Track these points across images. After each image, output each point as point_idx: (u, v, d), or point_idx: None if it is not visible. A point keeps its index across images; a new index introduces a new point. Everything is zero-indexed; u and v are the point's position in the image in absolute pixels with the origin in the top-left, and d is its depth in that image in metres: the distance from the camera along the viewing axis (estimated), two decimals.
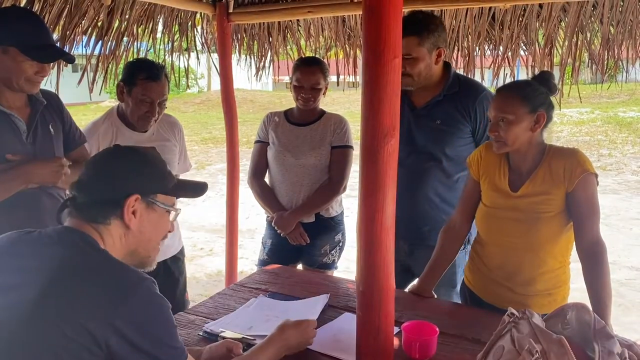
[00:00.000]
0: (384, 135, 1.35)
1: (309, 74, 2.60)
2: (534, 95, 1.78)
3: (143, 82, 2.27)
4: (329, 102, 16.53)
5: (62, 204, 1.26)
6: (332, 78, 3.94)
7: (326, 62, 2.75)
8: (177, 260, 2.63)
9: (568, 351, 1.19)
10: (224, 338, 1.62)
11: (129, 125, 2.39)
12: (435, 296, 2.07)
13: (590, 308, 1.43)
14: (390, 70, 1.32)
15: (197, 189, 1.43)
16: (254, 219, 6.31)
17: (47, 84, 2.48)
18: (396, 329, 1.61)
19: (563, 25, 3.05)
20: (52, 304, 1.06)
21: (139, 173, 1.27)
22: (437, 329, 1.58)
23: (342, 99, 17.32)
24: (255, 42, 3.83)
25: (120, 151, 1.33)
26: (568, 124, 15.04)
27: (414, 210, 2.32)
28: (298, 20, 3.65)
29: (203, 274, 4.93)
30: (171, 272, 2.57)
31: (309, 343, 1.59)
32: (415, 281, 2.17)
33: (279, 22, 3.66)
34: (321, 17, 3.52)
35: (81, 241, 1.17)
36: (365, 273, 1.41)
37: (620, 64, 3.11)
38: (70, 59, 1.98)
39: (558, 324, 1.41)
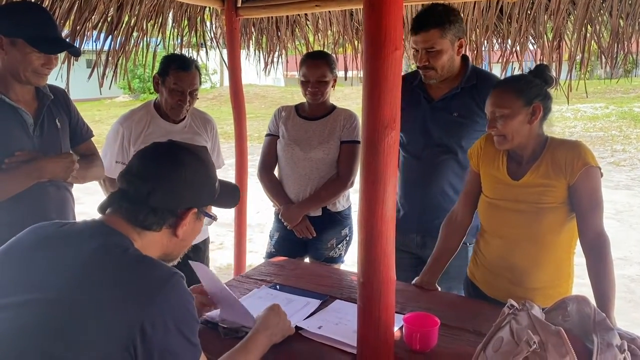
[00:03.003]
0: (384, 127, 1.35)
1: (314, 67, 2.61)
2: (528, 88, 1.79)
3: (174, 72, 2.44)
4: (340, 98, 16.52)
5: (112, 196, 1.22)
6: (340, 73, 3.95)
7: (334, 56, 2.75)
8: (198, 249, 2.71)
9: (565, 342, 1.19)
10: (224, 327, 1.64)
11: (163, 116, 2.55)
12: (439, 289, 2.08)
13: (592, 300, 1.42)
14: (391, 62, 1.33)
15: (232, 199, 1.44)
16: (265, 213, 6.34)
17: (58, 79, 2.53)
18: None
19: (572, 18, 3.02)
20: (80, 310, 1.04)
21: (201, 187, 1.26)
22: (438, 321, 1.59)
23: (353, 94, 17.29)
24: (264, 36, 3.84)
25: (186, 160, 1.25)
26: (582, 119, 14.88)
27: (427, 202, 2.33)
28: (306, 14, 3.66)
29: (213, 267, 4.97)
30: (190, 260, 2.62)
31: (290, 330, 1.61)
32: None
33: (287, 16, 3.67)
34: (329, 11, 3.52)
35: (115, 242, 1.15)
36: (366, 264, 1.42)
37: (631, 57, 3.07)
38: (75, 52, 2.02)
39: (559, 316, 1.41)
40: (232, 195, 1.44)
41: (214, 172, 1.33)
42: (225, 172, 2.97)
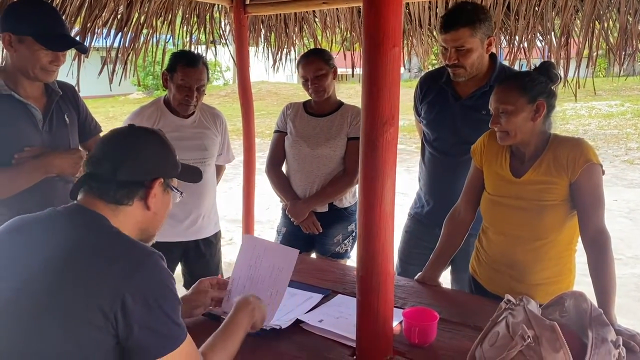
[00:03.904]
0: (383, 124, 1.37)
1: (309, 64, 2.64)
2: (532, 85, 1.79)
3: (182, 68, 2.48)
4: (352, 95, 16.50)
5: (81, 180, 1.28)
6: (349, 70, 3.96)
7: (328, 51, 2.79)
8: (210, 243, 2.79)
9: (559, 337, 1.20)
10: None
11: (172, 112, 2.60)
12: (442, 284, 2.09)
13: (588, 297, 1.43)
14: (390, 59, 1.34)
15: (195, 174, 1.53)
16: (275, 209, 6.38)
17: (69, 76, 2.58)
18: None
19: (580, 14, 3.00)
20: (62, 285, 1.09)
21: (162, 158, 1.33)
22: (437, 315, 1.60)
23: None
24: (272, 33, 3.87)
25: (141, 134, 1.34)
26: (596, 117, 14.73)
27: (453, 198, 2.32)
28: (314, 11, 3.68)
29: (223, 263, 5.00)
30: (202, 253, 2.76)
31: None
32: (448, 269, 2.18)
33: (295, 14, 3.69)
34: (337, 8, 3.54)
35: (92, 220, 1.21)
36: (364, 258, 1.44)
37: (639, 54, 3.03)
38: (82, 49, 2.06)
39: (556, 312, 1.43)
40: (195, 172, 1.54)
41: (173, 147, 1.39)
42: (236, 169, 3.01)
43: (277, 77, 7.78)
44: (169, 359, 1.13)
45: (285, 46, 3.92)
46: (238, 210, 3.90)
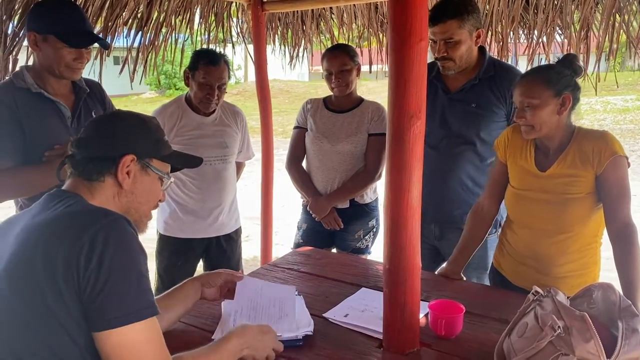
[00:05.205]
0: (410, 118, 1.38)
1: (334, 58, 2.66)
2: (558, 79, 1.78)
3: (204, 66, 2.51)
4: (365, 92, 16.48)
5: (62, 161, 1.30)
6: (365, 67, 3.98)
7: (353, 47, 2.79)
8: (231, 239, 2.85)
9: (590, 327, 1.20)
10: None
11: (194, 109, 2.63)
12: (465, 278, 2.10)
13: (618, 289, 1.43)
14: (416, 53, 1.35)
15: (191, 161, 1.49)
16: (290, 207, 6.39)
17: (90, 75, 2.62)
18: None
19: (600, 7, 2.98)
20: (33, 262, 1.07)
21: (137, 135, 1.30)
22: (464, 308, 1.61)
23: (378, 88, 17.21)
24: (289, 30, 3.88)
25: (122, 114, 1.35)
26: (612, 112, 14.58)
27: (446, 193, 2.33)
28: (331, 8, 3.69)
29: (242, 259, 5.04)
30: (224, 249, 2.81)
31: (272, 350, 1.43)
32: (445, 264, 2.19)
33: (312, 10, 3.70)
34: (354, 5, 3.55)
35: (67, 198, 1.20)
36: (391, 251, 1.46)
37: None
38: (104, 45, 2.09)
39: (584, 304, 1.42)
40: (188, 159, 1.49)
41: (158, 128, 1.36)
42: (252, 166, 3.02)
43: (289, 75, 7.79)
44: (128, 331, 1.06)
45: (302, 43, 3.94)
46: (254, 207, 3.92)
